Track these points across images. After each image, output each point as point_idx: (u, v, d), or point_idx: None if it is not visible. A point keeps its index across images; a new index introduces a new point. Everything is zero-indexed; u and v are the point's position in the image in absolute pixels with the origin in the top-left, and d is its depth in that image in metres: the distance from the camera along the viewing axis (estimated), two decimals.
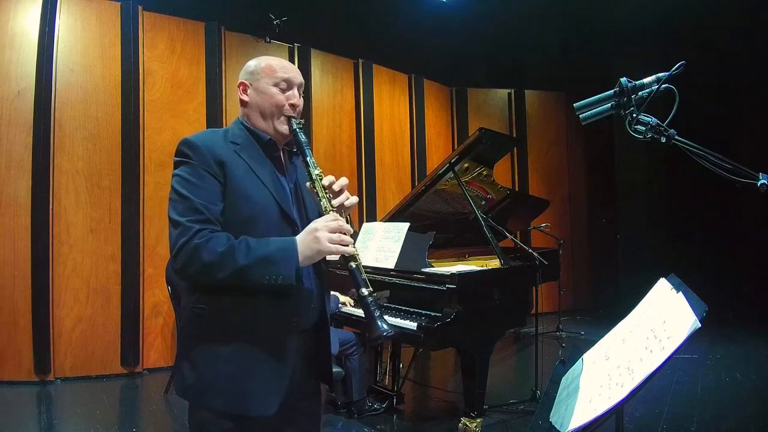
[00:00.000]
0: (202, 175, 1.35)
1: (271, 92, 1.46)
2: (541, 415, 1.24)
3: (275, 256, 1.32)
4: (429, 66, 6.57)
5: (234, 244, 1.31)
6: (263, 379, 1.37)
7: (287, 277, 1.32)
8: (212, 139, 1.42)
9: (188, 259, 1.30)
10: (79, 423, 3.41)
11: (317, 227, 1.35)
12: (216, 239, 1.31)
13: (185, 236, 1.30)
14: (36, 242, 4.11)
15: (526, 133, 7.16)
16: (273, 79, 1.47)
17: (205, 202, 1.33)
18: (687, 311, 1.02)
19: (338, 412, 3.44)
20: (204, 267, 1.30)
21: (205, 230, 1.31)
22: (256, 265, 1.30)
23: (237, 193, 1.38)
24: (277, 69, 1.48)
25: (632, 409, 3.35)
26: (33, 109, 4.16)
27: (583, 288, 7.31)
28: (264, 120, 1.48)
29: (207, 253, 1.29)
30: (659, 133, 1.24)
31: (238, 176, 1.38)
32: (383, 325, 1.34)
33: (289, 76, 1.48)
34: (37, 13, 4.20)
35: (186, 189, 1.34)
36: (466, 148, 3.46)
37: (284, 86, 1.48)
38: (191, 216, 1.31)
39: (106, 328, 4.36)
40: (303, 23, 5.36)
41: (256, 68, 1.50)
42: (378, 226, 3.45)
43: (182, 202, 1.34)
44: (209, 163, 1.36)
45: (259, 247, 1.32)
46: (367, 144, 5.92)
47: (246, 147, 1.45)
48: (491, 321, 2.95)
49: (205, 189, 1.35)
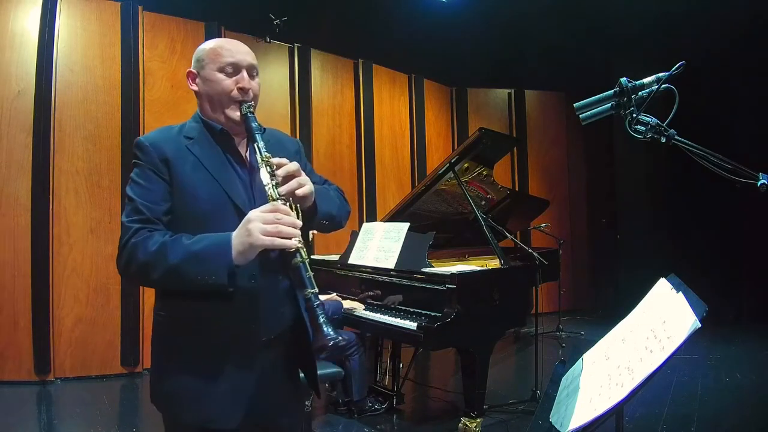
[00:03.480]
0: (148, 176, 1.31)
1: (217, 78, 1.36)
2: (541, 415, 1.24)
3: (205, 254, 1.21)
4: (429, 66, 6.57)
5: (167, 242, 1.24)
6: (221, 390, 1.30)
7: (219, 276, 1.20)
8: (162, 137, 1.36)
9: (127, 259, 1.26)
10: (79, 423, 3.41)
11: (250, 218, 1.22)
12: (150, 237, 1.25)
13: (125, 236, 1.27)
14: (36, 242, 4.11)
15: (526, 133, 7.16)
16: (217, 65, 1.36)
17: (147, 202, 1.29)
18: (687, 311, 1.02)
19: (339, 412, 3.44)
20: (139, 266, 1.24)
21: (143, 229, 1.26)
22: (187, 263, 1.21)
23: (184, 191, 1.31)
24: (222, 53, 1.37)
25: (632, 409, 3.35)
26: (33, 109, 4.16)
27: (583, 288, 7.31)
28: (214, 110, 1.39)
29: (142, 251, 1.23)
30: (659, 133, 1.24)
31: (184, 173, 1.32)
32: (329, 331, 1.17)
33: (234, 60, 1.37)
34: (37, 14, 4.20)
35: (132, 191, 1.31)
36: (466, 148, 3.46)
37: (230, 70, 1.37)
38: (133, 216, 1.28)
39: (106, 328, 4.36)
40: (303, 23, 5.35)
41: (201, 54, 1.41)
42: (378, 226, 3.45)
43: (129, 204, 1.31)
44: (155, 162, 1.31)
45: (192, 244, 1.23)
46: (367, 144, 5.92)
47: (199, 140, 1.37)
48: (491, 321, 2.95)
49: (149, 189, 1.30)
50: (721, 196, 5.23)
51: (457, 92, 7.05)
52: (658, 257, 6.14)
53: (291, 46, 5.46)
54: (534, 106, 7.28)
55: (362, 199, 5.86)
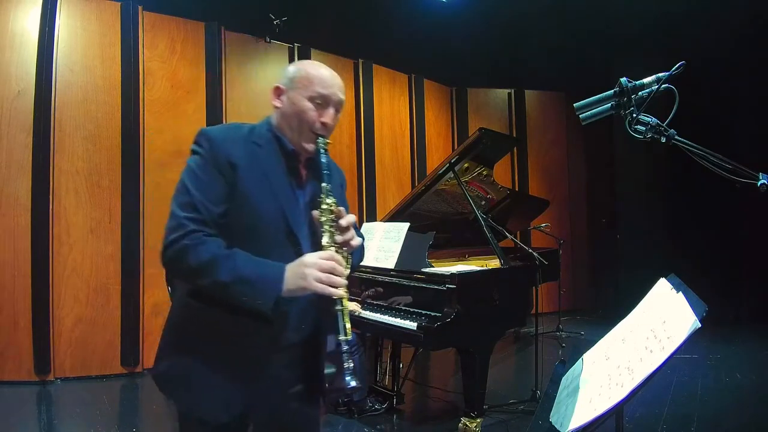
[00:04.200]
0: (210, 172, 1.28)
1: (303, 107, 1.35)
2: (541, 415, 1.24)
3: (258, 282, 1.25)
4: (429, 66, 6.56)
5: (220, 256, 1.24)
6: (221, 383, 1.32)
7: (265, 304, 1.25)
8: (232, 136, 1.34)
9: (174, 258, 1.26)
10: (79, 423, 3.41)
11: (307, 263, 1.27)
12: (205, 246, 1.24)
13: (177, 233, 1.25)
14: (36, 242, 4.11)
15: (526, 133, 7.16)
16: (309, 92, 1.34)
17: (206, 200, 1.26)
18: (687, 311, 1.02)
19: (338, 412, 3.44)
20: (187, 270, 1.26)
21: (198, 233, 1.25)
22: (237, 284, 1.24)
23: (243, 199, 1.30)
24: (316, 82, 1.35)
25: (632, 409, 3.35)
26: (33, 109, 4.15)
27: (583, 288, 7.31)
28: (291, 132, 1.38)
29: (193, 257, 1.23)
30: (659, 133, 1.24)
31: (249, 183, 1.30)
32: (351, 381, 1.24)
33: (327, 93, 1.35)
34: (37, 14, 4.20)
35: (191, 182, 1.28)
36: (466, 148, 3.46)
37: (319, 102, 1.35)
38: (189, 213, 1.25)
39: (106, 328, 4.36)
40: (303, 23, 5.35)
41: (295, 75, 1.38)
42: (378, 226, 3.45)
43: (184, 194, 1.28)
44: (220, 160, 1.29)
45: (245, 267, 1.25)
46: (367, 144, 5.92)
47: (267, 150, 1.36)
48: (491, 321, 2.95)
49: (209, 186, 1.28)
50: (721, 196, 5.23)
51: (457, 92, 7.05)
52: (658, 257, 6.14)
53: (291, 46, 5.46)
54: (534, 106, 7.28)
55: (362, 199, 5.85)
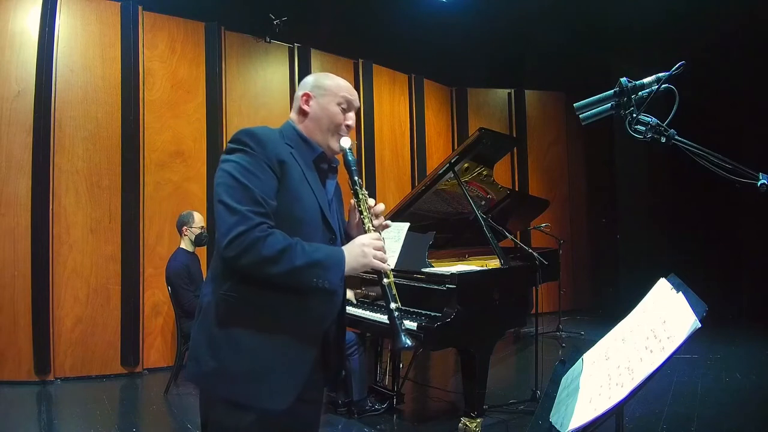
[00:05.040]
0: (262, 168, 1.38)
1: (333, 110, 1.53)
2: (541, 415, 1.24)
3: (327, 262, 1.38)
4: (429, 66, 6.56)
5: (292, 244, 1.35)
6: (284, 372, 1.39)
7: (333, 283, 1.39)
8: (274, 137, 1.46)
9: (244, 250, 1.31)
10: (79, 423, 3.41)
11: (365, 243, 1.45)
12: (275, 236, 1.34)
13: (244, 225, 1.31)
14: (36, 242, 4.12)
15: (526, 133, 7.16)
16: (337, 98, 1.53)
17: (265, 195, 1.36)
18: (687, 311, 1.02)
19: (338, 412, 3.44)
20: (260, 260, 1.32)
21: (264, 224, 1.33)
22: (309, 267, 1.35)
23: (291, 194, 1.42)
24: (343, 89, 1.56)
25: (632, 409, 3.35)
26: (33, 109, 4.16)
27: (583, 288, 7.31)
28: (320, 134, 1.53)
29: (266, 247, 1.31)
30: (659, 133, 1.24)
31: (294, 178, 1.43)
32: (406, 339, 1.42)
33: (351, 98, 1.56)
34: (37, 13, 4.20)
35: (245, 178, 1.35)
36: (466, 148, 3.46)
37: (345, 106, 1.55)
38: (251, 207, 1.33)
39: (106, 328, 4.37)
40: (303, 23, 5.35)
41: (323, 84, 1.55)
42: None
43: (241, 189, 1.34)
44: (271, 158, 1.39)
45: (313, 251, 1.37)
46: (367, 144, 5.92)
47: (299, 152, 1.49)
48: (491, 321, 2.95)
49: (264, 182, 1.37)
50: (721, 196, 5.24)
51: (457, 92, 7.05)
52: (658, 257, 6.14)
53: (291, 46, 5.46)
54: (534, 106, 7.28)
55: None
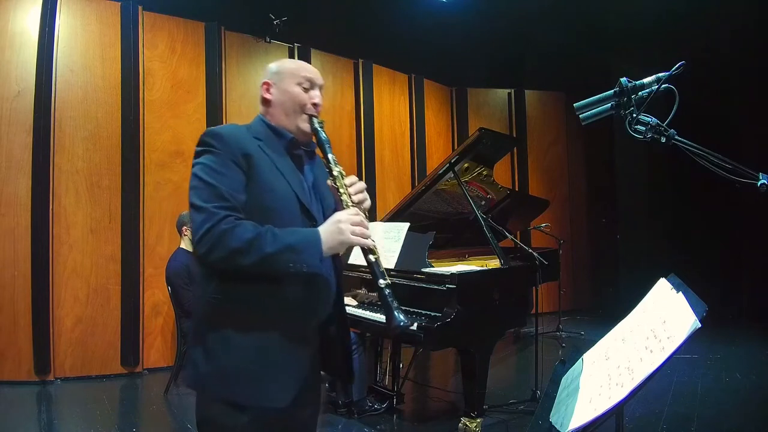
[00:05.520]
0: (227, 164, 1.37)
1: (295, 91, 1.50)
2: (541, 415, 1.24)
3: (300, 245, 1.35)
4: (429, 66, 6.56)
5: (261, 232, 1.33)
6: (280, 369, 1.38)
7: (312, 265, 1.35)
8: (237, 132, 1.45)
9: (213, 245, 1.31)
10: (79, 423, 3.41)
11: (341, 219, 1.39)
12: (242, 226, 1.32)
13: (210, 221, 1.31)
14: (36, 242, 4.12)
15: (526, 133, 7.16)
16: (296, 79, 1.51)
17: (231, 190, 1.35)
18: (687, 311, 1.02)
19: (338, 412, 3.44)
20: (230, 253, 1.31)
21: (231, 216, 1.32)
22: (282, 252, 1.33)
23: (261, 185, 1.40)
24: (301, 69, 1.54)
25: (632, 409, 3.34)
26: (33, 109, 4.16)
27: (583, 288, 7.31)
28: (287, 118, 1.51)
29: (233, 239, 1.30)
30: (659, 133, 1.24)
31: (262, 169, 1.41)
32: (400, 315, 1.37)
33: (311, 76, 1.53)
34: (37, 13, 4.20)
35: (211, 177, 1.36)
36: (466, 148, 3.46)
37: (307, 86, 1.52)
38: (217, 202, 1.33)
39: (106, 328, 4.36)
40: (303, 23, 5.35)
41: (280, 68, 1.54)
42: (378, 226, 3.45)
43: (207, 188, 1.35)
44: (235, 153, 1.38)
45: (285, 236, 1.35)
46: (367, 144, 5.92)
47: (268, 143, 1.48)
48: (491, 321, 2.95)
49: (230, 178, 1.36)
50: (721, 196, 5.23)
51: (457, 92, 7.05)
52: (658, 257, 6.14)
53: (291, 46, 5.47)
54: (534, 106, 7.28)
55: None
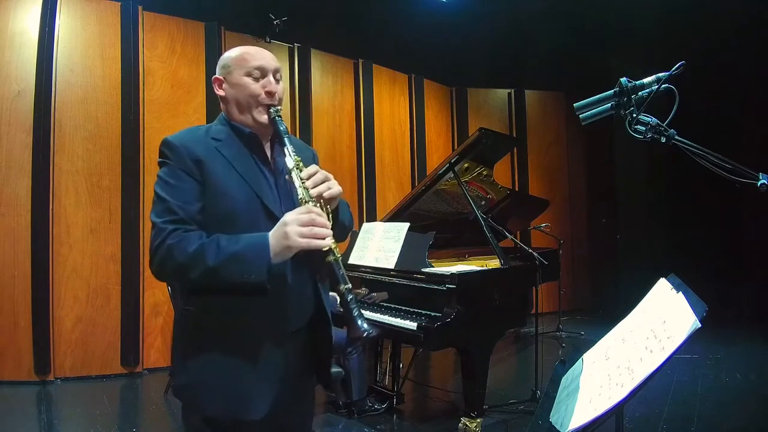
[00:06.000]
0: (179, 176, 1.33)
1: (244, 82, 1.41)
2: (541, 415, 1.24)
3: (245, 255, 1.26)
4: (429, 66, 6.56)
5: (204, 243, 1.27)
6: (252, 381, 1.34)
7: (258, 275, 1.26)
8: (191, 138, 1.39)
9: (162, 260, 1.29)
10: (79, 423, 3.41)
11: (287, 221, 1.27)
12: (187, 239, 1.28)
13: (159, 237, 1.29)
14: (36, 242, 4.11)
15: (526, 133, 7.15)
16: (245, 69, 1.42)
17: (181, 202, 1.31)
18: (687, 311, 1.02)
19: (338, 412, 3.44)
20: (177, 267, 1.28)
21: (178, 230, 1.29)
22: (226, 263, 1.26)
23: (216, 190, 1.34)
24: (248, 58, 1.43)
25: (632, 409, 3.35)
26: (33, 109, 4.15)
27: (583, 288, 7.31)
28: (242, 113, 1.43)
29: (179, 253, 1.27)
30: (659, 133, 1.24)
31: (216, 173, 1.35)
32: (363, 324, 1.26)
33: (261, 63, 1.43)
34: (37, 13, 4.20)
35: (163, 190, 1.33)
36: (466, 148, 3.46)
37: (257, 74, 1.42)
38: (166, 217, 1.30)
39: (106, 328, 4.36)
40: (303, 23, 5.35)
41: (227, 61, 1.45)
42: (378, 226, 3.45)
43: (159, 203, 1.32)
44: (186, 162, 1.33)
45: (229, 245, 1.27)
46: (367, 144, 5.92)
47: (227, 143, 1.41)
48: (491, 321, 2.95)
49: (181, 189, 1.32)
50: (721, 196, 5.23)
51: (457, 92, 7.04)
52: (658, 257, 6.14)
53: (291, 46, 5.46)
54: (534, 106, 7.27)
55: (362, 199, 5.85)
